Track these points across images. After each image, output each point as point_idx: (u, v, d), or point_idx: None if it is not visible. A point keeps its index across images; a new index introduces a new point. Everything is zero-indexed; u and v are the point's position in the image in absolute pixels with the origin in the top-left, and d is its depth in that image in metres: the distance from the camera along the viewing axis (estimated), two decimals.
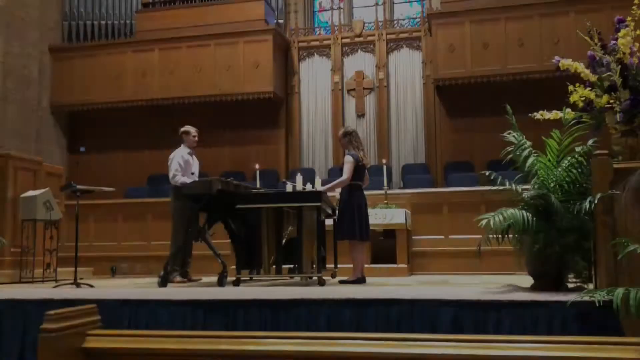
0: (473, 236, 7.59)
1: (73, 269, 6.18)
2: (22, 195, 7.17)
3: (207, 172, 10.23)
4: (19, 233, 7.11)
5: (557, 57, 4.59)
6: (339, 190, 6.34)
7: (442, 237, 8.46)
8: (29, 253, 7.01)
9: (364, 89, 11.36)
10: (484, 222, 4.15)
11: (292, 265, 6.73)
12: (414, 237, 8.47)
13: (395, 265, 7.75)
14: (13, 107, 10.86)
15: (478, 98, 10.71)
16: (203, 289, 5.17)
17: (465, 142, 10.86)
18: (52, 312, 2.06)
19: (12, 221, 7.26)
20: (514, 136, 4.59)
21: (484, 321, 3.61)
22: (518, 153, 4.50)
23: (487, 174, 4.63)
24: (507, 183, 4.51)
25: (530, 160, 4.41)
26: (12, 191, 7.33)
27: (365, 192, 6.41)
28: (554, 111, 4.56)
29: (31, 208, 6.99)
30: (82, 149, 12.35)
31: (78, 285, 5.87)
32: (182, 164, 6.93)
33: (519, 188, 4.45)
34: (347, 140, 6.30)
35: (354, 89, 11.42)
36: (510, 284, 4.70)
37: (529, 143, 4.54)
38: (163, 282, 5.77)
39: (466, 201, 8.41)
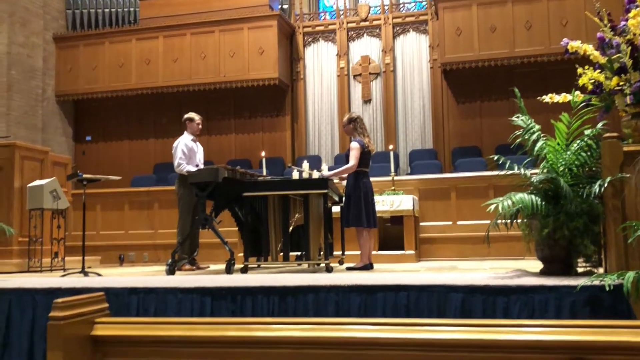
0: (481, 221, 7.65)
1: (81, 257, 6.22)
2: (29, 184, 7.21)
3: (212, 160, 10.27)
4: (26, 222, 7.16)
5: (565, 39, 4.55)
6: (345, 176, 6.33)
7: (450, 222, 8.45)
8: (37, 242, 7.06)
9: (370, 74, 11.31)
10: (492, 207, 4.14)
11: (299, 253, 6.75)
12: (421, 224, 8.46)
13: (402, 252, 7.75)
14: (19, 97, 10.89)
15: (486, 82, 10.66)
16: (211, 276, 5.19)
17: (473, 127, 10.82)
18: (60, 300, 2.07)
19: (19, 211, 7.31)
20: (522, 120, 4.57)
21: (493, 306, 3.62)
22: (527, 137, 4.48)
23: (495, 158, 4.62)
24: (516, 167, 4.50)
25: (539, 144, 4.39)
26: (19, 181, 7.37)
27: (372, 179, 6.40)
28: (563, 94, 4.53)
29: (38, 197, 7.02)
30: (88, 138, 12.38)
31: (86, 274, 5.90)
32: (187, 152, 6.93)
33: (528, 172, 4.44)
34: (352, 126, 6.27)
35: (360, 75, 11.37)
36: (519, 269, 4.70)
37: (537, 127, 4.51)
38: (171, 270, 5.80)
39: (474, 186, 8.39)
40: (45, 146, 9.58)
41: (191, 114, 7.21)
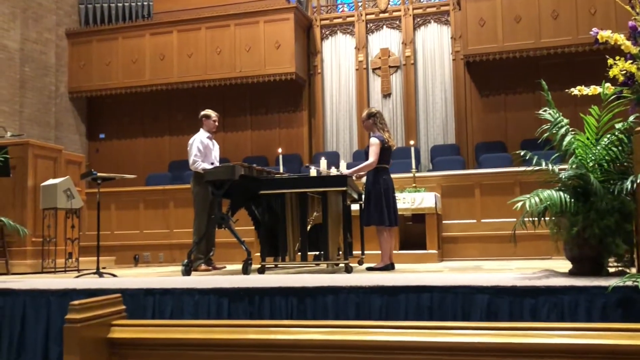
0: (507, 220, 7.60)
1: (95, 258, 6.28)
2: (43, 184, 7.29)
3: (228, 157, 10.31)
4: (40, 222, 7.24)
5: (595, 29, 4.48)
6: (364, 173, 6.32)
7: (474, 221, 8.39)
8: (51, 242, 7.15)
9: (389, 67, 11.28)
10: (519, 204, 4.10)
11: (317, 252, 6.75)
12: (444, 222, 8.42)
13: (425, 251, 7.72)
14: (32, 95, 11.03)
15: (510, 74, 10.58)
16: (227, 277, 5.21)
17: (498, 121, 10.74)
18: (76, 302, 2.09)
19: (33, 210, 7.40)
20: (549, 113, 4.52)
21: (520, 308, 3.58)
22: (554, 131, 4.43)
23: (522, 154, 4.57)
24: (543, 163, 4.45)
25: (567, 138, 4.34)
26: (33, 180, 7.46)
27: (393, 176, 6.38)
28: (592, 86, 4.48)
29: (52, 197, 7.10)
30: (102, 135, 12.51)
31: (101, 274, 5.96)
32: (202, 149, 6.96)
33: (556, 168, 4.39)
34: (371, 122, 6.26)
35: (379, 68, 11.34)
36: (547, 269, 4.66)
37: (565, 120, 4.46)
38: (187, 271, 5.83)
39: (499, 183, 8.33)
40: (59, 144, 9.68)
41: (207, 111, 7.24)
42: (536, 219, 4.18)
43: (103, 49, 11.94)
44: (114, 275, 6.01)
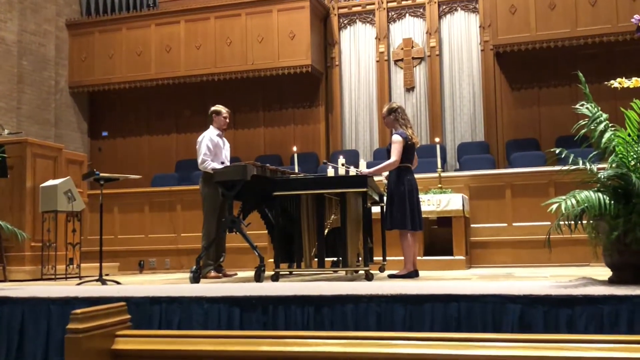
0: (541, 223, 7.56)
1: (98, 264, 6.33)
2: (42, 185, 7.36)
3: (239, 156, 10.35)
4: (39, 226, 7.32)
5: (636, 16, 4.45)
6: (385, 173, 6.31)
7: (505, 224, 8.35)
8: (51, 248, 7.21)
9: (413, 58, 11.25)
10: (554, 206, 4.08)
11: (335, 258, 6.75)
12: (472, 225, 8.39)
13: (451, 257, 7.70)
14: (30, 90, 11.15)
15: (544, 66, 10.50)
16: (239, 284, 5.23)
17: (530, 117, 10.67)
18: (78, 311, 2.11)
19: (31, 213, 7.47)
20: (587, 108, 4.48)
21: (555, 319, 3.57)
22: (592, 127, 4.40)
23: (557, 152, 4.55)
24: (580, 162, 4.42)
25: (606, 135, 4.30)
26: (31, 181, 7.54)
27: (417, 176, 6.37)
28: (634, 78, 4.44)
29: (52, 199, 7.17)
30: (105, 133, 12.61)
31: (103, 282, 6.00)
32: (212, 147, 6.98)
33: (594, 167, 4.36)
34: (392, 118, 6.25)
35: (401, 60, 11.32)
36: (585, 277, 4.63)
37: (605, 115, 4.43)
38: (195, 278, 5.86)
39: (532, 183, 8.29)
40: (59, 142, 9.79)
41: (218, 107, 7.27)
42: (573, 222, 4.15)
43: (106, 40, 12.03)
44: (118, 283, 6.06)
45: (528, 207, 8.09)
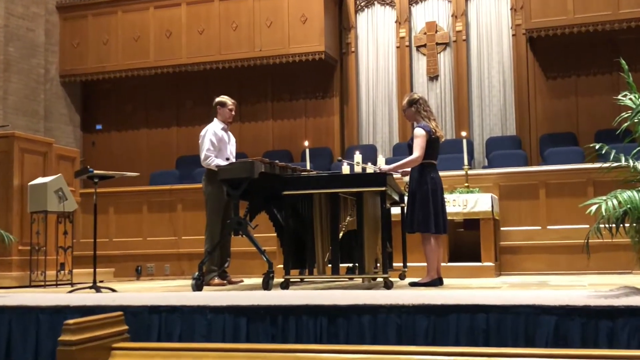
0: (578, 226, 7.53)
1: (91, 270, 6.36)
2: (31, 183, 7.41)
3: (246, 152, 10.37)
4: (27, 228, 7.36)
5: None
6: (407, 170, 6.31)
7: (539, 227, 8.32)
8: (40, 252, 7.26)
9: (437, 44, 11.22)
10: (593, 208, 4.07)
11: (351, 264, 6.75)
12: (502, 229, 8.36)
13: (479, 264, 7.68)
14: (17, 79, 11.21)
15: (582, 52, 10.45)
16: (245, 292, 5.25)
17: (567, 108, 10.62)
18: (71, 321, 2.13)
19: (19, 214, 7.52)
20: (630, 99, 4.45)
21: (595, 332, 3.55)
22: (636, 120, 4.37)
23: (596, 147, 4.52)
24: (622, 158, 4.39)
25: None
26: (19, 178, 7.58)
27: (441, 173, 6.36)
28: None
29: (41, 198, 7.21)
30: (99, 126, 12.67)
31: (98, 289, 6.04)
32: (216, 142, 7.01)
33: (638, 164, 4.33)
34: (413, 110, 6.24)
35: (424, 45, 11.29)
36: (627, 286, 4.61)
37: None
38: (198, 285, 5.88)
39: (569, 182, 8.25)
40: (49, 137, 9.84)
41: (223, 98, 7.29)
42: (614, 225, 4.13)
43: (100, 25, 12.09)
44: (113, 290, 6.09)
45: (564, 209, 8.06)
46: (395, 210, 7.15)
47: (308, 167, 8.28)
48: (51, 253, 7.42)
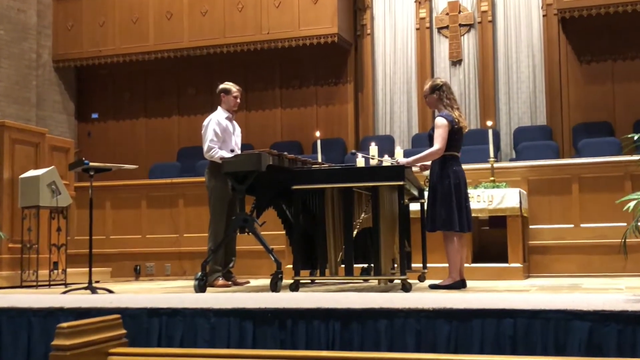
0: (614, 224, 7.50)
1: (87, 269, 6.39)
2: (22, 175, 7.44)
3: (252, 143, 10.38)
4: (18, 224, 7.41)
5: None
6: (427, 163, 6.30)
7: (571, 226, 8.29)
8: (32, 250, 7.29)
9: (460, 25, 11.18)
10: (631, 204, 4.05)
11: (366, 265, 6.75)
12: (531, 227, 8.34)
13: (506, 265, 7.66)
14: (7, 64, 11.25)
15: (620, 34, 10.39)
16: (252, 294, 5.26)
17: (603, 95, 10.56)
18: (65, 324, 2.14)
19: (9, 209, 7.57)
20: None
21: (632, 340, 3.54)
22: None
23: (635, 138, 4.50)
24: None
25: None
26: (9, 171, 7.62)
27: (465, 166, 6.35)
28: None
29: (33, 192, 7.24)
30: (95, 115, 12.71)
31: (94, 290, 6.07)
32: (219, 132, 7.02)
33: None
34: (436, 96, 6.24)
35: (446, 27, 11.25)
36: None
37: None
38: (201, 286, 5.90)
39: (605, 176, 8.21)
40: (42, 126, 9.88)
41: (227, 84, 7.29)
42: None
43: (95, 6, 12.11)
44: (110, 291, 6.12)
45: (599, 205, 8.02)
46: (415, 207, 7.13)
47: (319, 160, 8.27)
48: (44, 251, 7.46)
